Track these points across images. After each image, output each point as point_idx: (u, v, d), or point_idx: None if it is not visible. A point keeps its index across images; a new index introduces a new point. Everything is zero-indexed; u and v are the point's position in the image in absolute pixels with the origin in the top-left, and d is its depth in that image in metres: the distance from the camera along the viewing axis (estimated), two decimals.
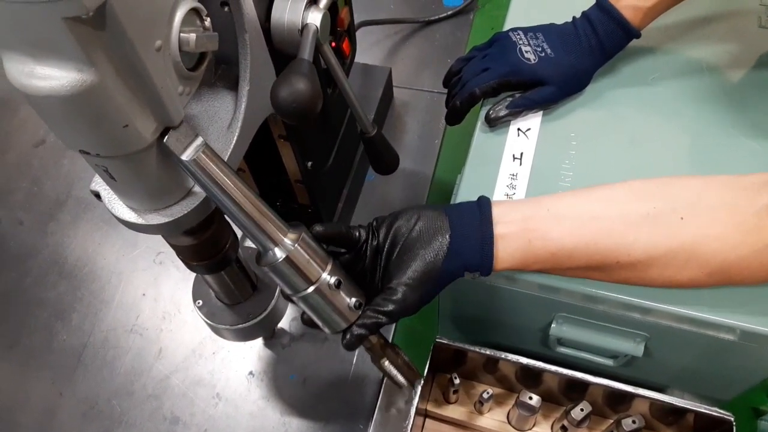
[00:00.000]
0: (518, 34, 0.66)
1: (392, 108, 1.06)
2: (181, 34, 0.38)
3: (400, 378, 0.55)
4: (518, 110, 0.65)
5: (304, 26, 0.52)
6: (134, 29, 0.34)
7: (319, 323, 0.52)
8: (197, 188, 0.48)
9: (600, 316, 0.60)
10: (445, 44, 1.12)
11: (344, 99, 0.78)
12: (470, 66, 0.68)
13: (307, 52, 0.46)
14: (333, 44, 0.70)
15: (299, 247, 0.48)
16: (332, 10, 0.66)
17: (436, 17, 1.13)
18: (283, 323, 0.87)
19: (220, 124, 0.50)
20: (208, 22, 0.41)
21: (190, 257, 0.58)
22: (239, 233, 0.66)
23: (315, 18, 0.52)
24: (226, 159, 0.48)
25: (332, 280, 0.49)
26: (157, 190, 0.45)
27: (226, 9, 0.47)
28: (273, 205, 0.80)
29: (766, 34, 0.67)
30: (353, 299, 0.51)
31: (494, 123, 0.65)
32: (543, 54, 0.64)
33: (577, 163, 0.62)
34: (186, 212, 0.47)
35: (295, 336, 0.86)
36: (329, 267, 0.50)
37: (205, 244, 0.56)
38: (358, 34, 1.09)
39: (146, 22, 0.35)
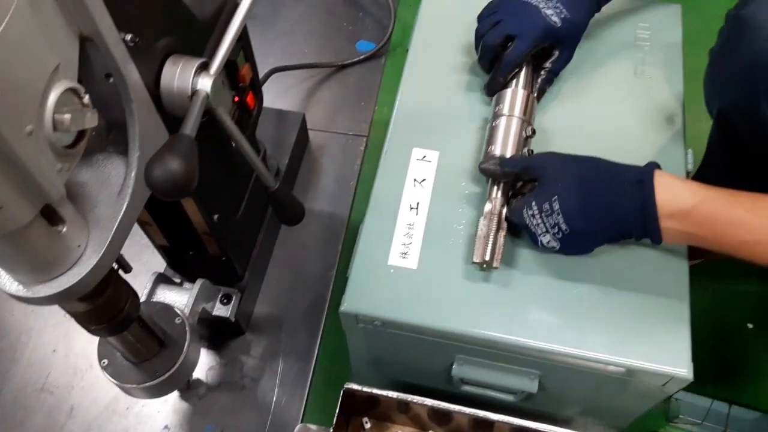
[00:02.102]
0: None
1: (308, 151, 1.08)
2: (56, 115, 0.39)
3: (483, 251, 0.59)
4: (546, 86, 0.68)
5: (194, 92, 0.53)
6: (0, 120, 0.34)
7: None
8: (86, 256, 0.48)
9: (496, 356, 0.63)
10: (358, 87, 1.15)
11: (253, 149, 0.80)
12: (495, 31, 0.67)
13: (189, 126, 0.48)
14: (236, 99, 0.72)
15: None
16: (231, 69, 0.68)
17: (349, 61, 1.16)
18: (199, 373, 0.86)
19: (111, 190, 0.51)
20: (87, 98, 0.42)
21: (88, 322, 0.57)
22: (140, 290, 0.67)
23: (205, 84, 0.53)
24: (115, 226, 0.49)
25: None
26: (43, 263, 0.45)
27: (111, 80, 0.48)
28: (185, 256, 0.82)
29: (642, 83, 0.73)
30: None
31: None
32: (562, 15, 0.64)
33: (470, 211, 0.65)
34: (75, 281, 0.47)
35: (212, 386, 0.86)
36: None
37: (102, 308, 0.56)
38: (273, 79, 1.12)
39: (13, 111, 0.35)
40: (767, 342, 0.87)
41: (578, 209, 0.56)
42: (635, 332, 0.58)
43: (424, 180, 0.68)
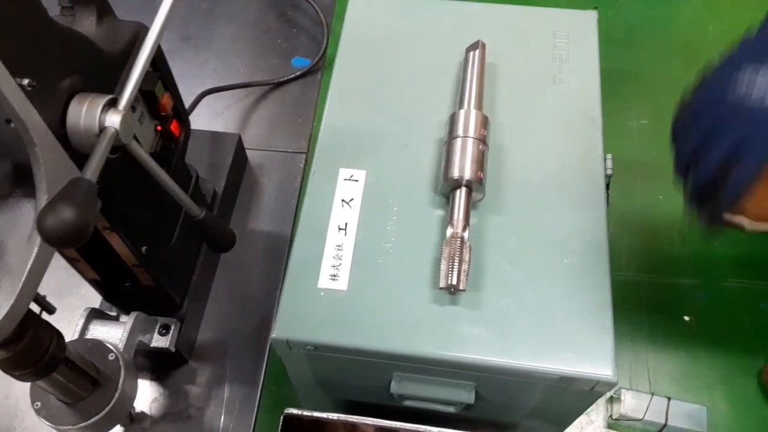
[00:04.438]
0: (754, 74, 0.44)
1: (247, 171, 1.07)
2: None
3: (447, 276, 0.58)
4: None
5: (102, 130, 0.52)
6: None
7: None
8: None
9: (431, 371, 0.63)
10: (295, 104, 1.15)
11: (181, 176, 0.79)
12: (712, 148, 0.48)
13: (90, 169, 0.47)
14: (159, 128, 0.71)
15: None
16: (150, 99, 0.67)
17: (285, 78, 1.16)
18: (143, 406, 0.85)
19: (21, 236, 0.50)
20: None
21: (11, 369, 0.56)
22: (65, 330, 0.65)
23: (113, 121, 0.52)
24: (26, 272, 0.48)
25: None
26: None
27: (12, 125, 0.47)
28: (120, 288, 0.80)
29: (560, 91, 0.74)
30: None
31: None
32: None
33: (398, 228, 0.66)
34: None
35: (156, 418, 0.84)
36: None
37: (24, 353, 0.55)
38: (208, 101, 1.11)
39: None
40: (703, 334, 0.89)
41: None
42: (561, 340, 0.59)
43: (352, 200, 0.68)
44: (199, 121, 1.10)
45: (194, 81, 1.16)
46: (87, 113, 0.52)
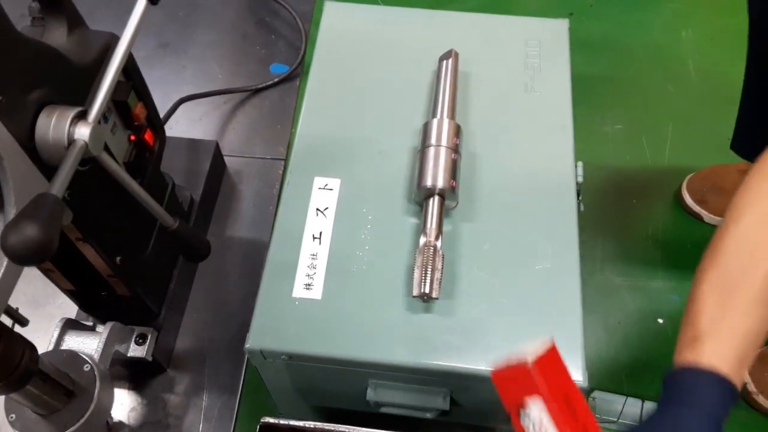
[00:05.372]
0: None
1: (225, 178, 1.07)
2: None
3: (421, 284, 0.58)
4: None
5: (72, 142, 0.52)
6: None
7: None
8: None
9: (405, 378, 0.64)
10: (274, 110, 1.15)
11: (157, 185, 0.79)
12: None
13: (57, 184, 0.47)
14: (132, 138, 0.71)
15: None
16: (124, 109, 0.67)
17: (263, 85, 1.16)
18: (121, 415, 0.85)
19: None
20: None
21: None
22: (41, 340, 0.65)
23: (82, 133, 0.52)
24: None
25: None
26: None
27: None
28: (97, 298, 0.80)
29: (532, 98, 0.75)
30: None
31: None
32: None
33: (373, 237, 0.66)
34: None
35: (135, 427, 0.84)
36: None
37: None
38: (186, 108, 1.11)
39: None
40: (675, 337, 0.90)
41: None
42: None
43: (326, 208, 0.68)
44: (176, 128, 1.10)
45: (172, 87, 1.16)
46: (56, 126, 0.52)
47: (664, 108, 1.12)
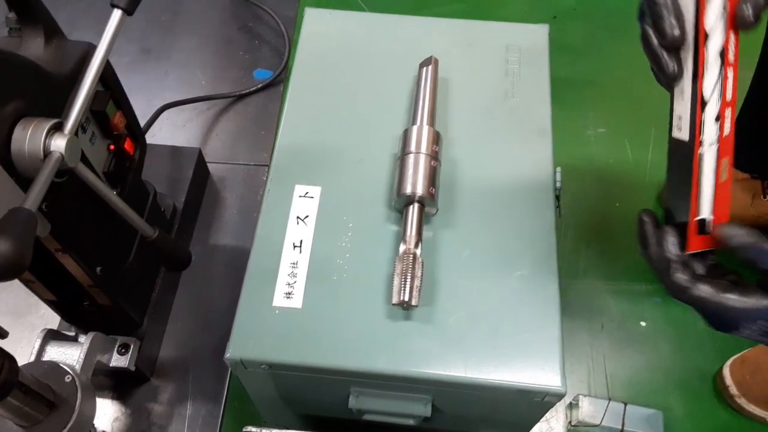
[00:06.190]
0: None
1: (209, 185, 1.07)
2: None
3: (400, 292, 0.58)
4: None
5: (47, 154, 0.52)
6: None
7: None
8: None
9: (387, 386, 0.64)
10: (257, 116, 1.15)
11: (137, 194, 0.79)
12: None
13: (31, 198, 0.47)
14: (112, 147, 0.71)
15: None
16: (102, 119, 0.67)
17: (247, 90, 1.16)
18: (105, 425, 0.84)
19: None
20: None
21: None
22: (23, 350, 0.65)
23: (58, 145, 0.52)
24: None
25: None
26: None
27: None
28: (79, 307, 0.79)
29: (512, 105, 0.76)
30: None
31: None
32: None
33: (353, 244, 0.66)
34: None
35: None
36: None
37: None
38: (169, 115, 1.11)
39: None
40: (659, 339, 0.91)
41: None
42: (511, 353, 0.60)
43: (307, 216, 0.68)
44: (160, 135, 1.10)
45: (155, 93, 1.16)
46: (31, 138, 0.52)
47: (648, 111, 1.12)
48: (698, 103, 0.48)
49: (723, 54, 0.47)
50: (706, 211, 0.47)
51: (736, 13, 0.45)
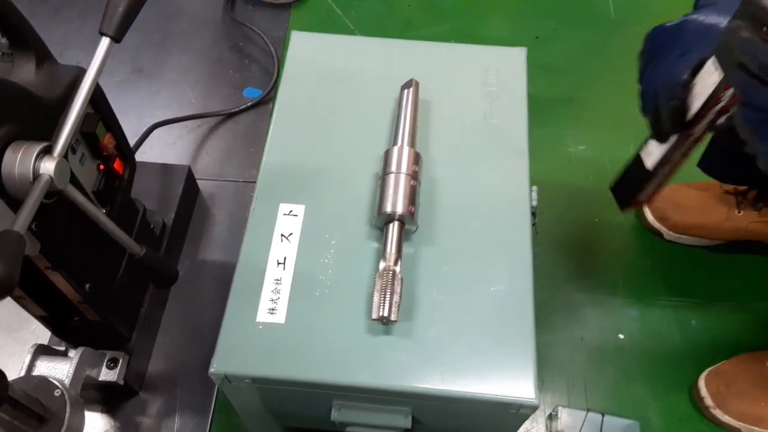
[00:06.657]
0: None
1: (199, 201, 1.09)
2: None
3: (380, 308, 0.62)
4: None
5: (37, 177, 0.54)
6: None
7: None
8: None
9: (367, 399, 0.66)
10: (247, 134, 1.17)
11: (127, 212, 0.81)
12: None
13: (20, 220, 0.49)
14: (101, 167, 0.73)
15: None
16: (92, 140, 0.69)
17: (236, 109, 1.18)
18: None
19: None
20: None
21: None
22: (14, 365, 0.66)
23: (48, 168, 0.54)
24: None
25: None
26: None
27: None
28: (69, 322, 0.81)
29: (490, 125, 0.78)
30: None
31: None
32: None
33: (336, 261, 0.68)
34: None
35: None
36: None
37: None
38: (159, 133, 1.13)
39: None
40: (637, 351, 0.93)
41: None
42: (486, 366, 0.62)
43: (291, 234, 0.70)
44: (150, 152, 1.12)
45: (146, 112, 1.18)
46: (21, 161, 0.54)
47: (626, 128, 1.15)
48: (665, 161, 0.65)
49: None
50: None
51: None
